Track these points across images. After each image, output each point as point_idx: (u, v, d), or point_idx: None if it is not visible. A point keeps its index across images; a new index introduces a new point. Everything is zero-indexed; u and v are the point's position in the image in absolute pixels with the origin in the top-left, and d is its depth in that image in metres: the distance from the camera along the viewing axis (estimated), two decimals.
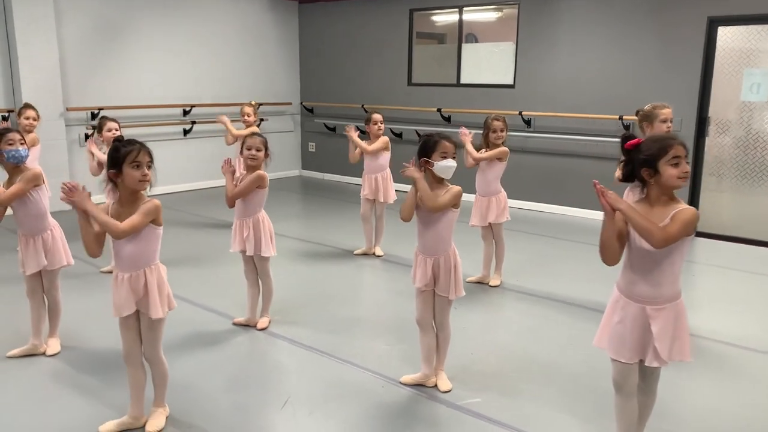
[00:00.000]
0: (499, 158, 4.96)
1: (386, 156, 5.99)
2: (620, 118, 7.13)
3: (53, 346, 3.91)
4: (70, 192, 2.73)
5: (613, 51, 7.29)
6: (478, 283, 5.18)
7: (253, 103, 7.23)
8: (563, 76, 7.67)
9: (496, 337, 4.15)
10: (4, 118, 7.37)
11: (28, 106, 5.94)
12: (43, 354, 3.86)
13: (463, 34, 8.53)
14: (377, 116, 5.95)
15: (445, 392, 3.41)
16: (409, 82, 9.16)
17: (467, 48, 8.55)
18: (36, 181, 3.64)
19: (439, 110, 8.64)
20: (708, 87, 6.74)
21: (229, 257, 5.56)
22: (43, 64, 7.51)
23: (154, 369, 3.07)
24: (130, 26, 8.46)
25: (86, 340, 4.08)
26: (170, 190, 9.02)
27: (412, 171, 3.29)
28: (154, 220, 2.88)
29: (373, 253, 6.05)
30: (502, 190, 5.08)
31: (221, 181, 6.73)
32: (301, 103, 10.44)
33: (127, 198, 2.88)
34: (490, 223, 5.07)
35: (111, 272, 5.34)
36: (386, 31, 9.32)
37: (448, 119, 8.67)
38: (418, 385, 3.48)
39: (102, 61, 8.23)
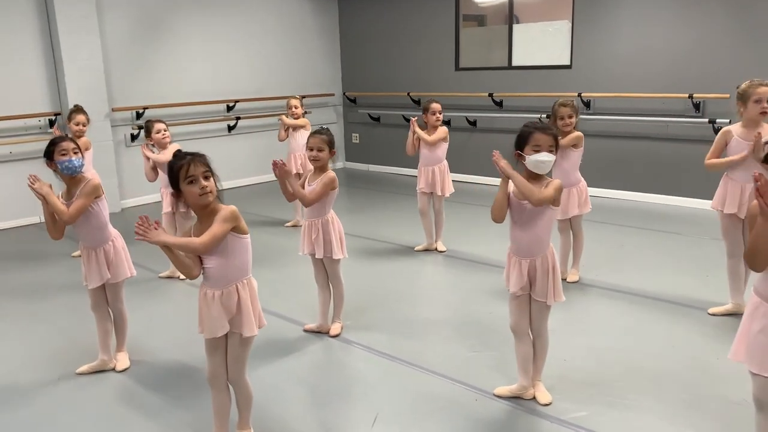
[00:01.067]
0: (574, 145, 4.63)
1: (444, 147, 5.71)
2: (690, 97, 6.70)
3: (122, 361, 3.74)
4: (144, 231, 2.49)
5: (680, 23, 6.84)
6: None
7: (297, 96, 7.02)
8: (625, 54, 7.25)
9: (590, 341, 3.85)
10: (52, 123, 7.27)
11: (78, 110, 5.79)
12: (113, 370, 3.70)
13: (513, 14, 8.16)
14: (436, 105, 5.66)
15: (545, 405, 3.14)
16: (457, 67, 8.83)
17: (518, 29, 8.18)
18: (96, 193, 3.45)
19: (490, 95, 8.30)
20: None
21: (292, 259, 5.42)
22: (87, 65, 7.38)
23: (238, 391, 2.87)
24: (169, 22, 8.28)
25: (153, 352, 3.91)
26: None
27: (504, 167, 3.00)
28: (236, 227, 2.65)
29: (435, 249, 5.79)
30: (582, 179, 4.75)
31: (268, 177, 6.31)
32: (344, 94, 10.18)
33: (201, 213, 2.67)
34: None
35: (170, 277, 5.30)
36: (430, 14, 8.98)
37: (500, 104, 8.33)
38: (515, 398, 3.22)
39: (144, 59, 8.08)
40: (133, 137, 8.00)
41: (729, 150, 4.00)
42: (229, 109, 8.92)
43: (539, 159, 2.98)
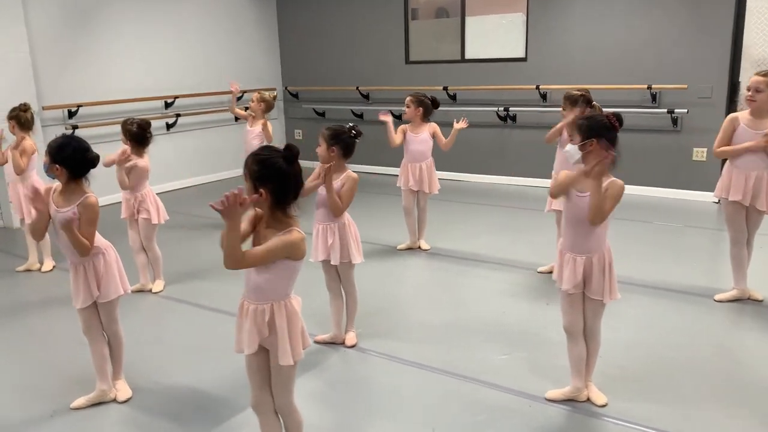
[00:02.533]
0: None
1: (430, 144, 5.53)
2: (649, 88, 6.87)
3: (123, 390, 3.31)
4: (231, 203, 2.15)
5: (636, 14, 6.98)
6: (551, 272, 4.82)
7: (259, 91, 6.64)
8: (581, 45, 7.34)
9: (619, 335, 3.78)
10: None
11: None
12: (114, 400, 3.27)
13: (465, 7, 8.08)
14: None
15: (602, 406, 3.04)
16: (407, 60, 8.67)
17: (471, 21, 8.11)
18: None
19: (445, 88, 8.20)
20: (739, 50, 6.55)
21: None
22: (13, 59, 6.63)
23: (287, 420, 2.57)
24: (102, 12, 7.59)
25: (151, 376, 3.50)
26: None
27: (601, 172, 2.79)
28: (291, 255, 2.35)
29: (419, 247, 5.61)
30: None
31: (212, 176, 5.87)
32: (286, 88, 9.79)
33: (273, 219, 2.36)
34: None
35: (141, 290, 4.79)
36: (377, 6, 8.77)
37: (453, 97, 8.25)
38: (568, 401, 3.09)
39: (76, 52, 7.37)
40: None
41: (736, 138, 4.06)
42: (168, 105, 8.33)
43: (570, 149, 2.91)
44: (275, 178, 2.31)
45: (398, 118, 8.78)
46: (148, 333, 4.07)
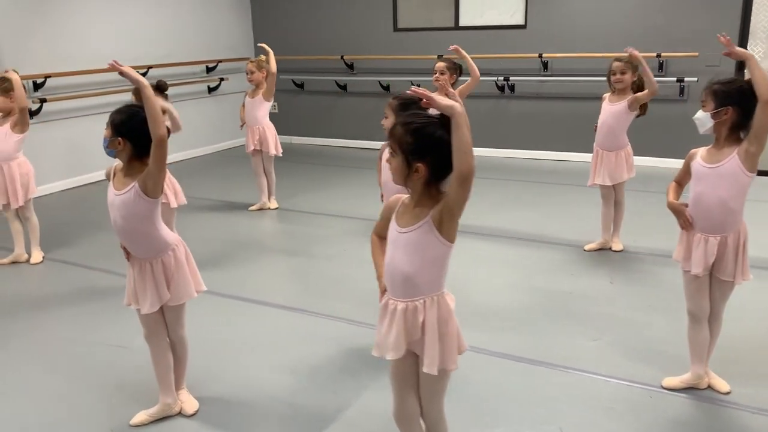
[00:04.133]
0: (629, 106, 4.35)
1: None
2: (658, 56, 6.74)
3: (189, 401, 2.89)
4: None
5: None
6: (599, 249, 4.62)
7: (252, 59, 6.08)
8: (585, 11, 7.13)
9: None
10: None
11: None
12: (179, 414, 2.85)
13: None
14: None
15: (726, 393, 2.85)
16: (396, 28, 8.25)
17: None
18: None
19: (440, 56, 7.82)
20: (748, 18, 6.48)
21: (305, 249, 4.78)
22: None
23: (433, 430, 2.25)
24: None
25: (212, 385, 3.08)
26: None
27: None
28: (447, 228, 2.00)
29: None
30: (629, 143, 4.50)
31: (185, 154, 5.37)
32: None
33: (425, 196, 2.01)
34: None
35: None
36: None
37: None
38: (688, 389, 2.89)
39: (38, 20, 6.59)
40: (31, 113, 6.54)
41: None
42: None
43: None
44: (435, 149, 1.94)
45: (386, 89, 8.41)
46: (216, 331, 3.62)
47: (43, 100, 6.45)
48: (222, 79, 8.63)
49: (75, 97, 6.82)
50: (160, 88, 4.36)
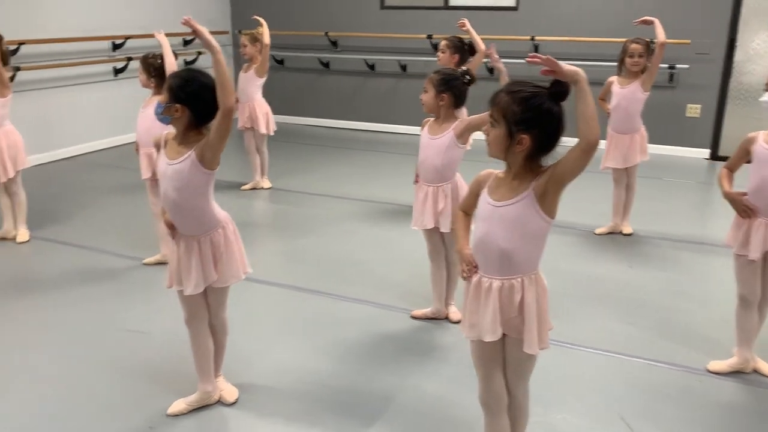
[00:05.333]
0: (643, 87, 4.34)
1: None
2: (651, 42, 6.75)
3: (228, 389, 2.73)
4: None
5: None
6: (609, 233, 4.62)
7: (246, 32, 5.84)
8: None
9: (713, 296, 3.63)
10: None
11: None
12: (218, 402, 2.68)
13: None
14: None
15: None
16: (382, 5, 8.06)
17: None
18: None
19: (429, 36, 7.71)
20: (739, 4, 6.57)
21: (311, 228, 4.64)
22: None
23: (518, 413, 2.18)
24: None
25: (248, 371, 2.92)
26: (104, 144, 7.28)
27: None
28: (550, 202, 1.91)
29: None
30: (643, 125, 4.49)
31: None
32: (239, 32, 8.82)
33: (525, 170, 1.94)
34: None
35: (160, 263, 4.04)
36: None
37: (435, 47, 7.77)
38: (735, 373, 2.89)
39: None
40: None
41: None
42: (116, 47, 7.25)
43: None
44: (543, 122, 1.86)
45: (371, 67, 8.24)
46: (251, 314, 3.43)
47: (16, 69, 6.02)
48: (200, 53, 8.29)
49: (50, 66, 6.42)
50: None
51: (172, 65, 3.70)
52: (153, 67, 3.82)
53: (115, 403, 2.69)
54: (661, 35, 4.24)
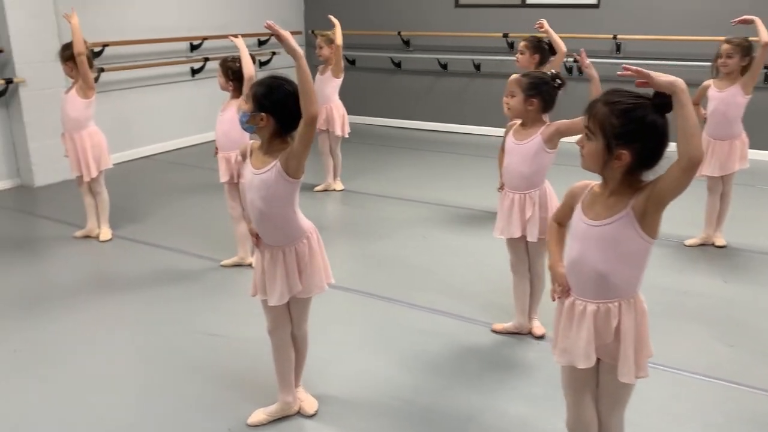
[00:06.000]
0: (744, 91, 4.06)
1: None
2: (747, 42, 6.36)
3: (308, 400, 2.68)
4: None
5: None
6: (701, 245, 4.35)
7: (322, 33, 5.79)
8: None
9: None
10: None
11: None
12: (298, 413, 2.63)
13: None
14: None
15: None
16: (457, 3, 7.91)
17: None
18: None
19: (505, 35, 7.51)
20: None
21: (389, 232, 4.57)
22: None
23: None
24: None
25: (340, 383, 2.86)
26: (182, 143, 7.43)
27: None
28: (651, 222, 1.78)
29: None
30: (744, 131, 4.20)
31: None
32: (312, 32, 8.85)
33: (624, 185, 1.81)
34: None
35: (238, 265, 4.08)
36: None
37: (511, 45, 7.57)
38: None
39: None
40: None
41: None
42: (193, 48, 7.38)
43: None
44: (645, 136, 1.74)
45: (444, 67, 8.10)
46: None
47: (101, 70, 6.20)
48: (274, 53, 8.36)
49: (131, 67, 6.58)
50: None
51: (249, 69, 3.68)
52: (231, 70, 3.81)
53: (193, 408, 2.68)
54: (764, 35, 3.94)
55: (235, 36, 3.87)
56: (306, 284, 2.41)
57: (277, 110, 2.22)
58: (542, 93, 2.98)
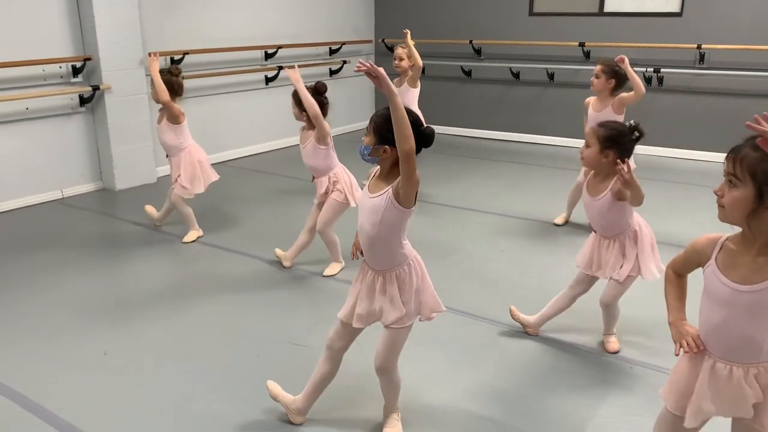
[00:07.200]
0: None
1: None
2: None
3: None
4: None
5: None
6: None
7: (403, 44, 5.75)
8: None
9: None
10: (77, 71, 5.67)
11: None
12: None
13: None
14: None
15: None
16: (531, 12, 7.79)
17: None
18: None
19: (581, 44, 7.35)
20: None
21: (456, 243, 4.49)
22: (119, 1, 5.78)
23: None
24: None
25: (425, 406, 2.81)
26: (257, 150, 7.55)
27: None
28: None
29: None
30: None
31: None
32: (382, 41, 8.89)
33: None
34: None
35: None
36: None
37: (587, 55, 7.41)
38: None
39: None
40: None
41: None
42: (268, 57, 7.50)
43: None
44: None
45: (516, 76, 7.98)
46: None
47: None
48: (345, 62, 8.41)
49: (208, 75, 6.73)
50: (318, 91, 3.96)
51: (312, 109, 3.72)
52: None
53: (273, 416, 2.67)
54: None
55: (291, 67, 3.88)
56: (412, 310, 2.35)
57: (385, 139, 2.20)
58: (619, 146, 2.89)
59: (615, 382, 2.93)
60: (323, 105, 3.87)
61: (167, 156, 4.64)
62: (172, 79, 4.44)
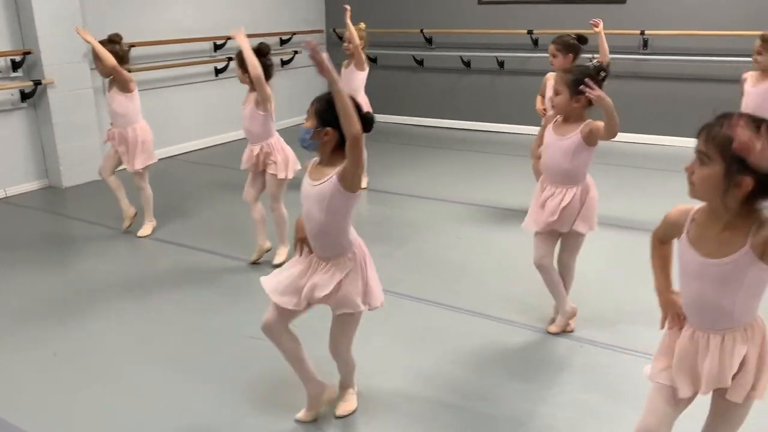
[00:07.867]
0: None
1: None
2: None
3: (349, 402, 2.66)
4: None
5: None
6: None
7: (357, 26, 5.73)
8: None
9: None
10: (17, 65, 5.49)
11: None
12: (336, 417, 2.61)
13: None
14: None
15: None
16: (480, 1, 7.85)
17: None
18: None
19: (530, 32, 7.45)
20: None
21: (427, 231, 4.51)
22: None
23: None
24: None
25: (376, 389, 2.83)
26: (205, 143, 7.43)
27: None
28: None
29: None
30: None
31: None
32: (334, 30, 8.84)
33: (740, 214, 1.70)
34: None
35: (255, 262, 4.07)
36: None
37: (536, 43, 7.51)
38: None
39: None
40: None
41: None
42: (217, 48, 7.38)
43: None
44: None
45: (467, 64, 8.05)
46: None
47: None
48: (296, 52, 8.34)
49: (156, 68, 6.60)
50: (261, 52, 3.88)
51: (254, 71, 3.66)
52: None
53: (243, 415, 2.66)
54: None
55: (237, 31, 3.81)
56: (338, 299, 2.35)
57: (339, 123, 2.20)
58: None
59: (567, 361, 3.00)
60: (267, 68, 3.81)
61: (111, 124, 4.51)
62: (116, 47, 4.33)
